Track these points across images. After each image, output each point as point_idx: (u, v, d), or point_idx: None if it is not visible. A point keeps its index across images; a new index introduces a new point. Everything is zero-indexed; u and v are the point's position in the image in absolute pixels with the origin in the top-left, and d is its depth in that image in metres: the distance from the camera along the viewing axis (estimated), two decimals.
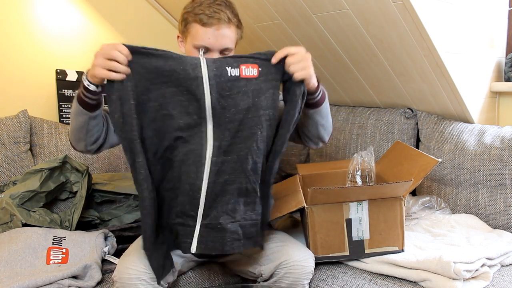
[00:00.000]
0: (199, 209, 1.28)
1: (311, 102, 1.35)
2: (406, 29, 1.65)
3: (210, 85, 1.22)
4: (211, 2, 1.37)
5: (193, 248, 1.30)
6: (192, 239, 1.30)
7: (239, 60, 1.24)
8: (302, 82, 1.26)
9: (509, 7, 2.04)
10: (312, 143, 1.48)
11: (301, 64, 1.25)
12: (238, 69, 1.23)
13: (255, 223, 1.33)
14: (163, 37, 2.47)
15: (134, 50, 1.21)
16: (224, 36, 1.37)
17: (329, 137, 1.48)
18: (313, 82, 1.29)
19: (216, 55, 1.37)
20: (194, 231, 1.30)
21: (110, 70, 1.18)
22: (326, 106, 1.40)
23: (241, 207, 1.30)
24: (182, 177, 1.27)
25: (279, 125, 1.30)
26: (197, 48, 1.37)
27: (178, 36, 1.47)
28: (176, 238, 1.33)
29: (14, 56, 2.07)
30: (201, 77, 1.22)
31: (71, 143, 1.37)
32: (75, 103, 1.27)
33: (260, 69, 1.24)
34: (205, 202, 1.28)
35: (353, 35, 1.83)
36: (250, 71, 1.23)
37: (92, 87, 1.22)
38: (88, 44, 2.26)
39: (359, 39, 1.83)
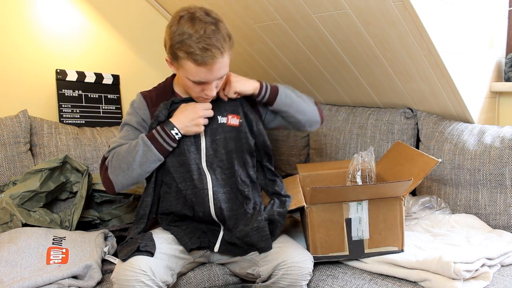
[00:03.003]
0: (218, 223, 1.50)
1: (264, 102, 1.55)
2: (406, 29, 1.65)
3: (205, 131, 1.48)
4: (200, 35, 1.31)
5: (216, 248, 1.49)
6: (216, 239, 1.50)
7: (228, 109, 1.51)
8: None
9: (509, 7, 2.04)
10: (304, 128, 1.63)
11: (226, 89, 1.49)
12: (226, 117, 1.51)
13: (257, 231, 1.43)
14: (162, 37, 2.47)
15: (175, 101, 1.49)
16: (219, 68, 1.37)
17: (321, 117, 1.65)
18: (247, 89, 1.50)
19: (213, 84, 1.41)
20: (218, 234, 1.51)
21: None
22: (283, 98, 1.55)
23: (244, 221, 1.46)
24: (195, 207, 1.47)
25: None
26: (193, 82, 1.39)
27: (167, 60, 1.45)
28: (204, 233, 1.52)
29: (14, 56, 2.07)
30: None
31: (111, 180, 1.44)
32: (148, 151, 1.42)
33: (240, 120, 1.52)
34: (219, 220, 1.48)
35: (353, 35, 1.83)
36: (234, 120, 1.51)
37: (178, 136, 1.44)
38: (88, 44, 2.26)
39: (359, 39, 1.83)
